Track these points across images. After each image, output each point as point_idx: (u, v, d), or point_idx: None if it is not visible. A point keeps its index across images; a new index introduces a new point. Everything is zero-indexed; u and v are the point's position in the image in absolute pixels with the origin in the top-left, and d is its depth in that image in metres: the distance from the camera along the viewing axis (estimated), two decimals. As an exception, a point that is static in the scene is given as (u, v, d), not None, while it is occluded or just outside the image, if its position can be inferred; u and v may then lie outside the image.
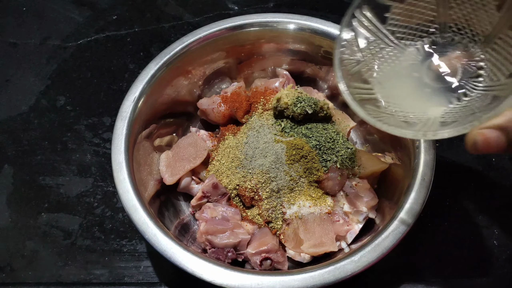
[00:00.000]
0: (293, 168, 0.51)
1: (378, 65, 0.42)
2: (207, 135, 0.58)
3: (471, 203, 0.57)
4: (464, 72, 0.39)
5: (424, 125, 0.37)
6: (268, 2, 0.79)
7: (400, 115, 0.40)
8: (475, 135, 0.33)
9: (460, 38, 0.39)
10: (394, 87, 0.42)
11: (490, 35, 0.36)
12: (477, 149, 0.33)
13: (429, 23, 0.41)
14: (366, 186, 0.52)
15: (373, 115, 0.39)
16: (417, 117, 0.39)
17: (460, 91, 0.38)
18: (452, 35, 0.40)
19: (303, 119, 0.55)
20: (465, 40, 0.39)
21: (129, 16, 0.78)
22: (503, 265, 0.53)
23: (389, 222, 0.44)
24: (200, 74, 0.61)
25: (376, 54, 0.42)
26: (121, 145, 0.49)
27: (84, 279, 0.54)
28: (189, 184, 0.55)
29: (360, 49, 0.42)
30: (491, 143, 0.32)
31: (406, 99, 0.41)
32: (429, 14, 0.41)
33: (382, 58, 0.42)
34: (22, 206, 0.59)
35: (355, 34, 0.42)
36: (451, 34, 0.40)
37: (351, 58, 0.42)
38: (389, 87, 0.42)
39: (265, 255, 0.48)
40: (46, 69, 0.72)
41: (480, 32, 0.37)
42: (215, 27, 0.58)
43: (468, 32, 0.38)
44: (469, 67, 0.38)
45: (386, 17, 0.41)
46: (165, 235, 0.44)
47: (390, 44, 0.42)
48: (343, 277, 0.41)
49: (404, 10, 0.41)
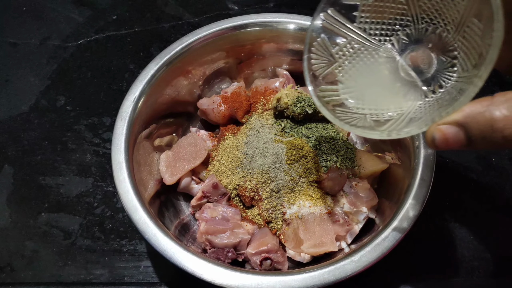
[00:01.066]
0: (293, 168, 0.51)
1: (352, 65, 0.42)
2: (207, 135, 0.58)
3: (471, 203, 0.58)
4: (439, 63, 0.38)
5: (394, 123, 0.37)
6: (268, 2, 0.79)
7: (373, 114, 0.39)
8: (434, 131, 0.32)
9: (433, 29, 0.39)
10: (369, 85, 0.42)
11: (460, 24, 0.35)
12: (436, 146, 0.32)
13: (401, 17, 0.40)
14: (366, 186, 0.52)
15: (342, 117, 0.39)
16: (392, 115, 0.38)
17: (435, 83, 0.38)
18: (426, 26, 0.39)
19: (303, 119, 0.55)
20: (438, 30, 0.38)
21: (129, 16, 0.78)
22: (503, 265, 0.53)
23: (389, 222, 0.44)
24: (200, 74, 0.61)
25: (349, 54, 0.42)
26: (121, 145, 0.49)
27: (84, 279, 0.54)
28: (189, 184, 0.55)
29: (331, 51, 0.42)
30: (450, 140, 0.31)
31: (382, 96, 0.41)
32: (400, 8, 0.40)
33: (357, 57, 0.42)
34: (22, 206, 0.59)
35: (325, 37, 0.42)
36: (425, 25, 0.39)
37: (323, 61, 0.42)
38: (364, 86, 0.42)
39: (265, 255, 0.48)
40: (46, 69, 0.72)
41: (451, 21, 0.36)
42: (215, 27, 0.58)
43: (440, 22, 0.38)
44: (444, 57, 0.38)
45: (356, 16, 0.41)
46: (165, 235, 0.44)
47: (364, 42, 0.42)
48: (343, 277, 0.41)
49: (373, 6, 0.40)
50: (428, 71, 0.39)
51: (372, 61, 0.42)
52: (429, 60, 0.39)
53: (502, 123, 0.28)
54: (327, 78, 0.42)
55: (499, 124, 0.28)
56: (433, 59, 0.38)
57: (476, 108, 0.30)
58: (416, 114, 0.37)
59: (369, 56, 0.42)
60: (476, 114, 0.30)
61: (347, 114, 0.40)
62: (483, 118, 0.29)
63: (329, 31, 0.42)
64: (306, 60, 0.41)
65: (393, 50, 0.41)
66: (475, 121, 0.30)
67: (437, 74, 0.38)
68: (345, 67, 0.42)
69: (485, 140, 0.30)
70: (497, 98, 0.29)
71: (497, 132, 0.28)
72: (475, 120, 0.30)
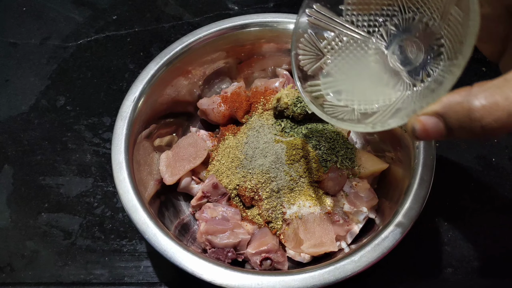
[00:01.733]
0: (293, 168, 0.51)
1: (342, 57, 0.42)
2: (207, 135, 0.58)
3: (471, 203, 0.58)
4: (428, 52, 0.38)
5: (380, 114, 0.37)
6: (268, 2, 0.79)
7: (362, 106, 0.39)
8: (414, 122, 0.32)
9: (420, 17, 0.38)
10: (359, 77, 0.42)
11: (444, 12, 0.35)
12: (416, 136, 0.32)
13: (388, 7, 0.40)
14: (366, 186, 0.52)
15: (330, 111, 0.39)
16: (380, 106, 0.38)
17: (424, 72, 0.37)
18: (413, 15, 0.39)
19: (303, 119, 0.55)
20: (425, 19, 0.38)
21: (129, 16, 0.78)
22: (503, 265, 0.53)
23: (389, 222, 0.44)
24: (200, 74, 0.61)
25: (338, 48, 0.42)
26: (121, 145, 0.49)
27: (84, 279, 0.54)
28: (189, 184, 0.55)
29: (319, 46, 0.42)
30: (429, 130, 0.31)
31: (371, 88, 0.41)
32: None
33: (346, 50, 0.42)
34: (22, 206, 0.59)
35: (312, 32, 0.41)
36: (411, 14, 0.39)
37: (311, 56, 0.42)
38: (353, 78, 0.42)
39: (265, 255, 0.48)
40: (46, 69, 0.72)
41: (436, 10, 0.36)
42: (215, 27, 0.58)
43: (426, 10, 0.37)
44: (431, 46, 0.37)
45: (342, 9, 0.41)
46: (165, 235, 0.44)
47: (352, 34, 0.41)
48: (343, 277, 0.41)
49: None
50: (416, 61, 0.38)
51: (362, 53, 0.42)
52: (418, 49, 0.38)
53: (479, 113, 0.28)
54: (316, 73, 0.42)
55: (476, 114, 0.28)
56: (422, 48, 0.38)
57: (454, 98, 0.30)
58: (404, 104, 0.37)
59: (358, 49, 0.42)
60: (454, 104, 0.30)
61: (335, 108, 0.40)
62: (461, 108, 0.29)
63: (316, 26, 0.41)
64: (294, 57, 0.41)
65: (382, 41, 0.41)
66: (453, 111, 0.30)
67: (425, 63, 0.38)
68: (334, 60, 0.42)
69: (464, 129, 0.30)
70: (475, 88, 0.29)
71: (475, 122, 0.29)
72: (453, 110, 0.30)
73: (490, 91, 0.28)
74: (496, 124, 0.28)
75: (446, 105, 0.30)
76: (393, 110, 0.37)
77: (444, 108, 0.30)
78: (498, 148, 0.62)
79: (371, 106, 0.39)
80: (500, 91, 0.28)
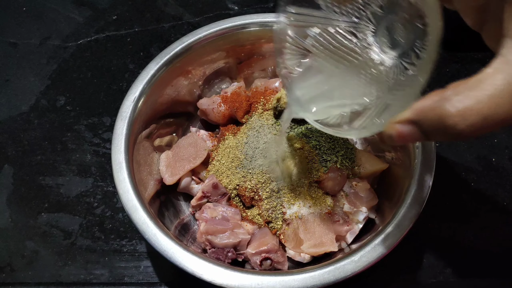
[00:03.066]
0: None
1: (330, 51, 0.40)
2: (207, 135, 0.58)
3: (471, 203, 0.58)
4: (415, 32, 0.36)
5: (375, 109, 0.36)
6: (268, 2, 0.79)
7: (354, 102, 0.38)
8: (390, 129, 0.32)
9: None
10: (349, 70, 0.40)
11: None
12: (394, 143, 0.32)
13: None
14: (366, 186, 0.52)
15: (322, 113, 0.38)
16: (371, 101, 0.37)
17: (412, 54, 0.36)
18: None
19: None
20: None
21: (129, 16, 0.78)
22: (503, 265, 0.53)
23: (389, 222, 0.44)
24: (200, 74, 0.60)
25: (326, 41, 0.40)
26: (121, 145, 0.49)
27: (84, 279, 0.54)
28: (189, 184, 0.55)
29: (305, 46, 0.40)
30: (406, 137, 0.31)
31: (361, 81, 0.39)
32: None
33: (333, 41, 0.40)
34: (22, 206, 0.59)
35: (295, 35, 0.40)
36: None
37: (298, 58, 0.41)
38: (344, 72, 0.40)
39: (265, 255, 0.48)
40: (46, 69, 0.72)
41: None
42: (215, 27, 0.58)
43: None
44: (417, 24, 0.35)
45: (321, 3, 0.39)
46: (165, 235, 0.44)
47: (337, 24, 0.40)
48: (343, 277, 0.41)
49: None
50: (405, 43, 0.37)
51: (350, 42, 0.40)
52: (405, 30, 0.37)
53: (453, 120, 0.27)
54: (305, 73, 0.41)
55: (450, 120, 0.27)
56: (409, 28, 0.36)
57: (427, 103, 0.29)
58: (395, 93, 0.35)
59: (347, 37, 0.40)
60: (427, 110, 0.29)
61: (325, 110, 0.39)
62: (434, 115, 0.28)
63: (297, 28, 0.40)
64: (280, 64, 0.40)
65: (369, 24, 0.39)
66: (426, 118, 0.29)
67: (413, 44, 0.36)
68: (322, 57, 0.40)
69: (441, 134, 0.29)
70: (448, 92, 0.28)
71: (449, 129, 0.27)
72: (426, 117, 0.29)
73: (463, 94, 0.27)
74: (472, 130, 0.27)
75: (419, 112, 0.29)
76: (384, 106, 0.36)
77: (417, 115, 0.29)
78: (498, 148, 0.62)
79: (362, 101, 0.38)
80: (473, 94, 0.27)
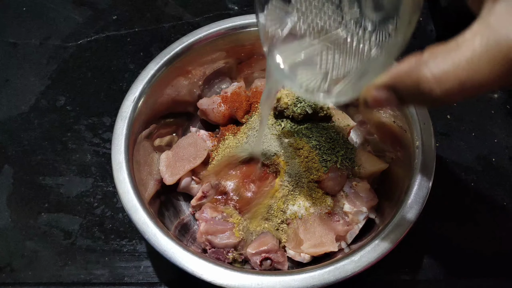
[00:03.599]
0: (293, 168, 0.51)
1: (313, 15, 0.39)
2: (207, 135, 0.58)
3: (471, 203, 0.58)
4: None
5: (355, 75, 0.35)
6: (268, 2, 0.79)
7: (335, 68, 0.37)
8: (365, 94, 0.31)
9: None
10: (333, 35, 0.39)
11: None
12: (369, 107, 0.31)
13: None
14: (366, 186, 0.52)
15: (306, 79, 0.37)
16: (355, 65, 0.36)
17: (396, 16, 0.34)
18: None
19: (303, 119, 0.55)
20: None
21: (129, 16, 0.78)
22: (503, 265, 0.53)
23: (389, 222, 0.44)
24: (200, 74, 0.60)
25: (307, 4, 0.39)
26: (121, 145, 0.49)
27: (84, 279, 0.54)
28: (189, 184, 0.55)
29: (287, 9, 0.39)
30: (381, 101, 0.30)
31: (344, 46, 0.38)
32: None
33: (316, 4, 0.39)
34: (22, 206, 0.59)
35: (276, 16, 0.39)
36: None
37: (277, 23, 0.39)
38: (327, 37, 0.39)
39: (265, 255, 0.48)
40: (46, 69, 0.72)
41: None
42: (215, 27, 0.58)
43: None
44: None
45: None
46: (165, 235, 0.44)
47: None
48: (343, 277, 0.41)
49: None
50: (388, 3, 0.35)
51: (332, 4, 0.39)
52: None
53: (429, 85, 0.26)
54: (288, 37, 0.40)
55: (426, 85, 0.26)
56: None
57: (403, 68, 0.28)
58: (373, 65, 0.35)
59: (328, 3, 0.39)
60: (403, 74, 0.28)
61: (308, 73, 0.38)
62: (410, 80, 0.27)
63: None
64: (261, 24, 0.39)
65: None
66: (402, 83, 0.28)
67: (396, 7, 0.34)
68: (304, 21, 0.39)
69: (417, 100, 0.28)
70: (426, 55, 0.27)
71: (425, 95, 0.27)
72: (402, 82, 0.28)
73: (440, 57, 0.26)
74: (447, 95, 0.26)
75: (395, 76, 0.28)
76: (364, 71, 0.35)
77: (393, 80, 0.29)
78: (498, 148, 0.62)
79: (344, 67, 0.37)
80: (450, 57, 0.25)
